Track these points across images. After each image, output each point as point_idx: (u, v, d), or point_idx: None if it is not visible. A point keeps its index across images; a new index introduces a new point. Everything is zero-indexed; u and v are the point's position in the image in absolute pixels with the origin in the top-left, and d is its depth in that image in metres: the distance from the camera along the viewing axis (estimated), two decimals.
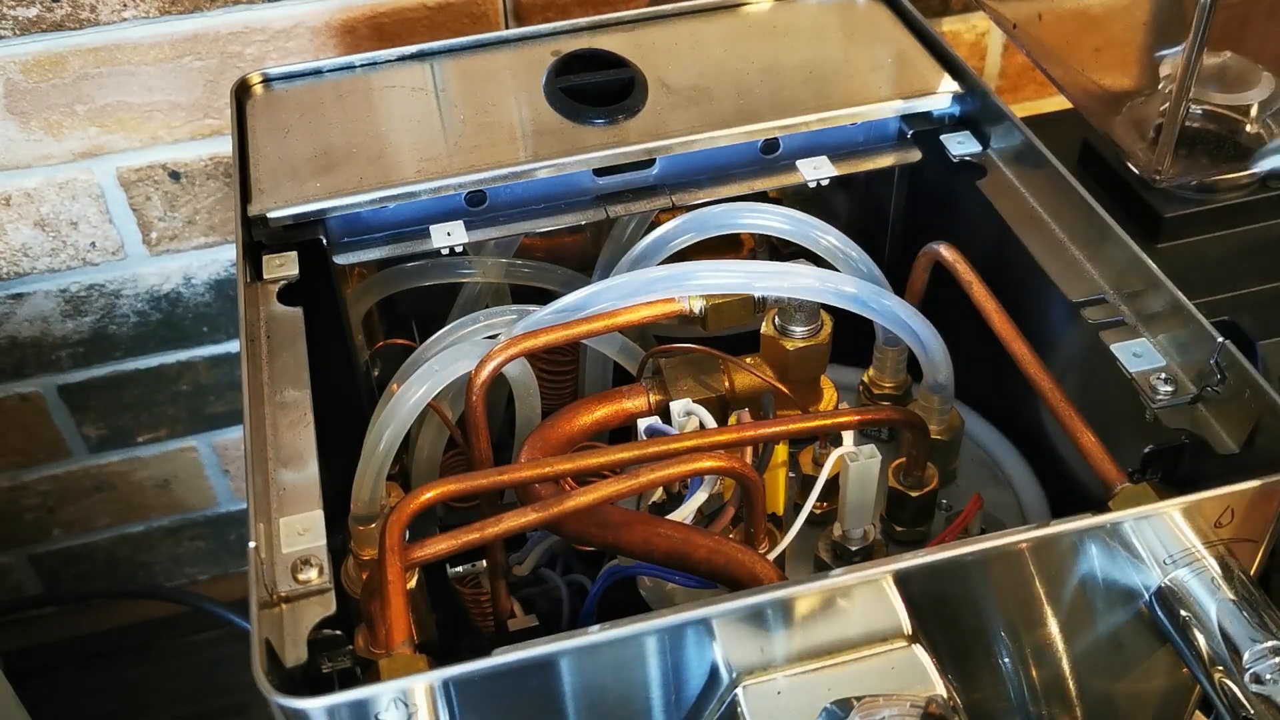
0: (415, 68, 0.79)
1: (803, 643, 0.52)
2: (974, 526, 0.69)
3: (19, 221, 1.00)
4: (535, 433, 0.64)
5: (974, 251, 0.68)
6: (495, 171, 0.70)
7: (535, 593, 0.74)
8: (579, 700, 0.51)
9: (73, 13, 0.91)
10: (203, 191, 1.02)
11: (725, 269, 0.65)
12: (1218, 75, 0.80)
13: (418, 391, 0.63)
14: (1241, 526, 0.54)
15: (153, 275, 1.06)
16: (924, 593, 0.52)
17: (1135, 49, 0.86)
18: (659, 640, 0.50)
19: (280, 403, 0.61)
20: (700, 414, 0.62)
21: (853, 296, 0.65)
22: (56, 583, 1.24)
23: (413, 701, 0.47)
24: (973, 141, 0.75)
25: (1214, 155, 0.80)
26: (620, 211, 0.73)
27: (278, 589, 0.52)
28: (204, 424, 1.17)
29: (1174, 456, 0.60)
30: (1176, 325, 0.61)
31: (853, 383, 0.77)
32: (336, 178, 0.70)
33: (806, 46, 0.80)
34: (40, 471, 1.15)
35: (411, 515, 0.54)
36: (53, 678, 1.24)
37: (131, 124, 0.98)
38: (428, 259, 0.74)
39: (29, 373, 1.08)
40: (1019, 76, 1.18)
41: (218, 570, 1.30)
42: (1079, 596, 0.55)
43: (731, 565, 0.58)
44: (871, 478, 0.62)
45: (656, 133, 0.73)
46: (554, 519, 0.55)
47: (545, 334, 0.63)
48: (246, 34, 0.95)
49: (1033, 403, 0.66)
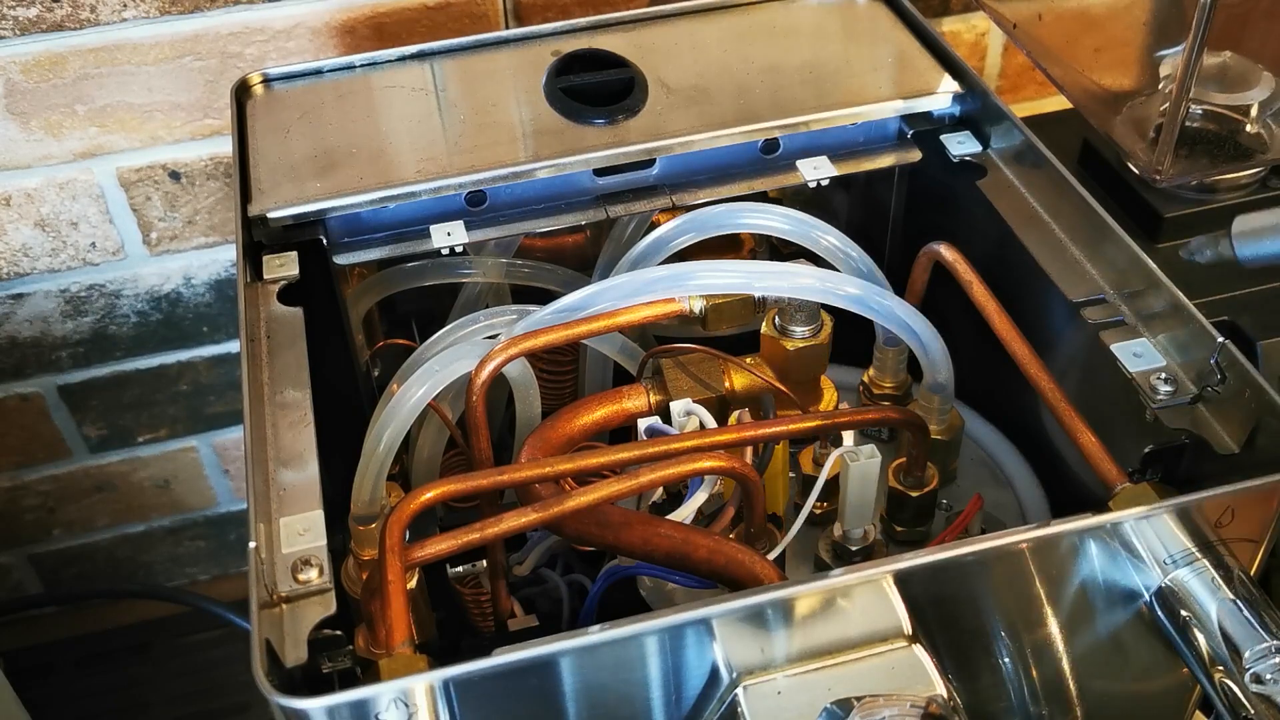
0: (415, 68, 0.79)
1: (803, 643, 0.52)
2: (974, 526, 0.69)
3: (19, 221, 1.00)
4: (535, 433, 0.64)
5: (974, 251, 0.68)
6: (495, 171, 0.70)
7: (535, 593, 0.74)
8: (579, 700, 0.51)
9: (73, 13, 0.91)
10: (203, 191, 1.02)
11: (725, 269, 0.65)
12: (1218, 75, 0.80)
13: (418, 391, 0.63)
14: (1241, 526, 0.54)
15: (153, 275, 1.06)
16: (924, 593, 0.52)
17: (1135, 49, 0.86)
18: (659, 640, 0.50)
19: (280, 403, 0.61)
20: (700, 414, 0.62)
21: (853, 296, 0.65)
22: (56, 583, 1.24)
23: (413, 701, 0.47)
24: (973, 141, 0.75)
25: (1214, 155, 0.80)
26: (620, 211, 0.73)
27: (278, 589, 0.52)
28: (204, 424, 1.17)
29: (1174, 456, 0.60)
30: (1176, 325, 0.61)
31: (853, 383, 0.77)
32: (336, 178, 0.70)
33: (806, 46, 0.80)
34: (40, 471, 1.15)
35: (411, 515, 0.54)
36: (53, 678, 1.24)
37: (132, 124, 0.98)
38: (428, 259, 0.74)
39: (29, 373, 1.08)
40: (1019, 76, 1.18)
41: (218, 570, 1.30)
42: (1079, 596, 0.55)
43: (731, 565, 0.58)
44: (871, 478, 0.62)
45: (656, 133, 0.73)
46: (554, 519, 0.55)
47: (545, 334, 0.63)
48: (246, 34, 0.95)
49: (1033, 403, 0.66)
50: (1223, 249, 0.64)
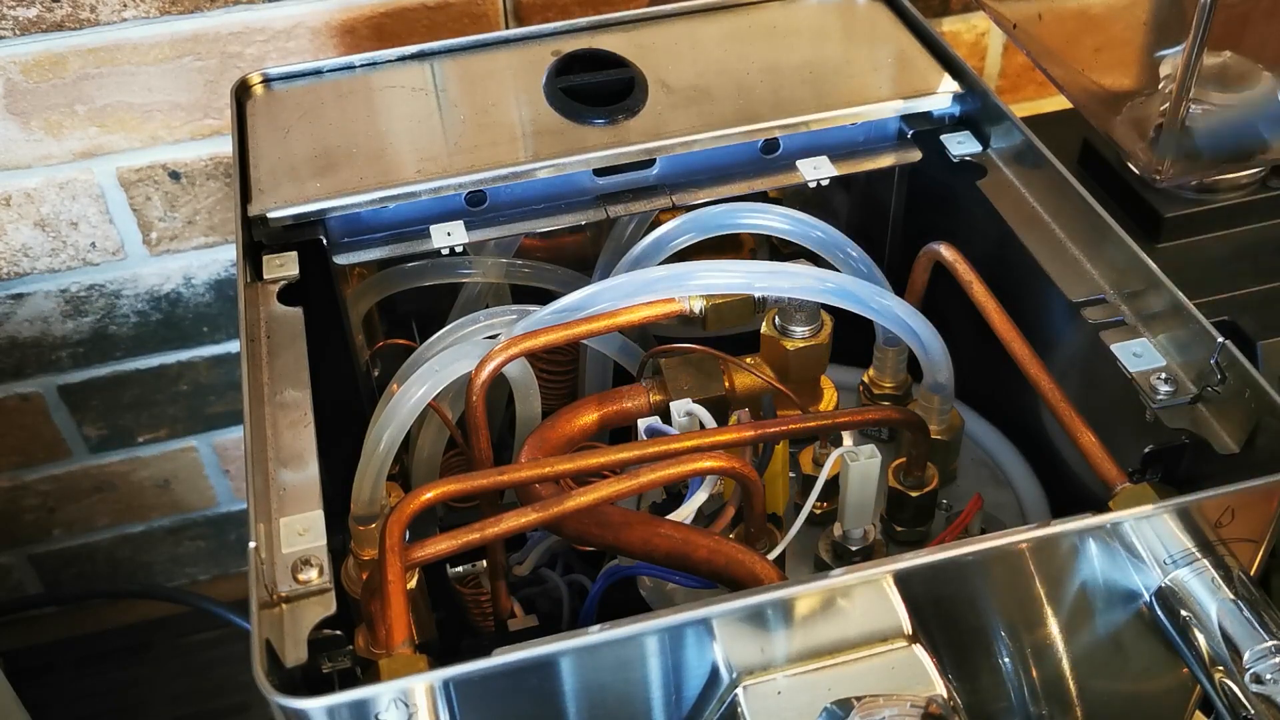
0: (415, 68, 0.79)
1: (803, 643, 0.52)
2: (974, 526, 0.69)
3: (19, 221, 1.00)
4: (535, 433, 0.64)
5: (974, 251, 0.68)
6: (495, 171, 0.70)
7: (535, 593, 0.74)
8: (579, 700, 0.51)
9: (73, 13, 0.91)
10: (203, 191, 1.02)
11: (725, 269, 0.65)
12: (1218, 75, 0.80)
13: (418, 391, 0.63)
14: (1241, 526, 0.54)
15: (153, 275, 1.06)
16: (924, 593, 0.52)
17: (1135, 49, 0.86)
18: (659, 640, 0.50)
19: (280, 403, 0.61)
20: (700, 414, 0.62)
21: (853, 297, 0.65)
22: (56, 583, 1.24)
23: (413, 701, 0.47)
24: (973, 141, 0.75)
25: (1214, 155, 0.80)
26: (620, 211, 0.73)
27: (278, 589, 0.52)
28: (204, 424, 1.17)
29: (1174, 456, 0.60)
30: (1176, 325, 0.61)
31: (853, 383, 0.77)
32: (336, 178, 0.70)
33: (806, 46, 0.80)
34: (40, 471, 1.15)
35: (411, 515, 0.54)
36: (53, 678, 1.24)
37: (131, 124, 0.98)
38: (428, 259, 0.74)
39: (29, 373, 1.08)
40: (1019, 76, 1.18)
41: (218, 570, 1.30)
42: (1079, 596, 0.55)
43: (731, 565, 0.58)
44: (871, 478, 0.62)
45: (656, 133, 0.73)
46: (554, 519, 0.55)
47: (545, 334, 0.63)
48: (246, 34, 0.95)
49: (1033, 403, 0.66)
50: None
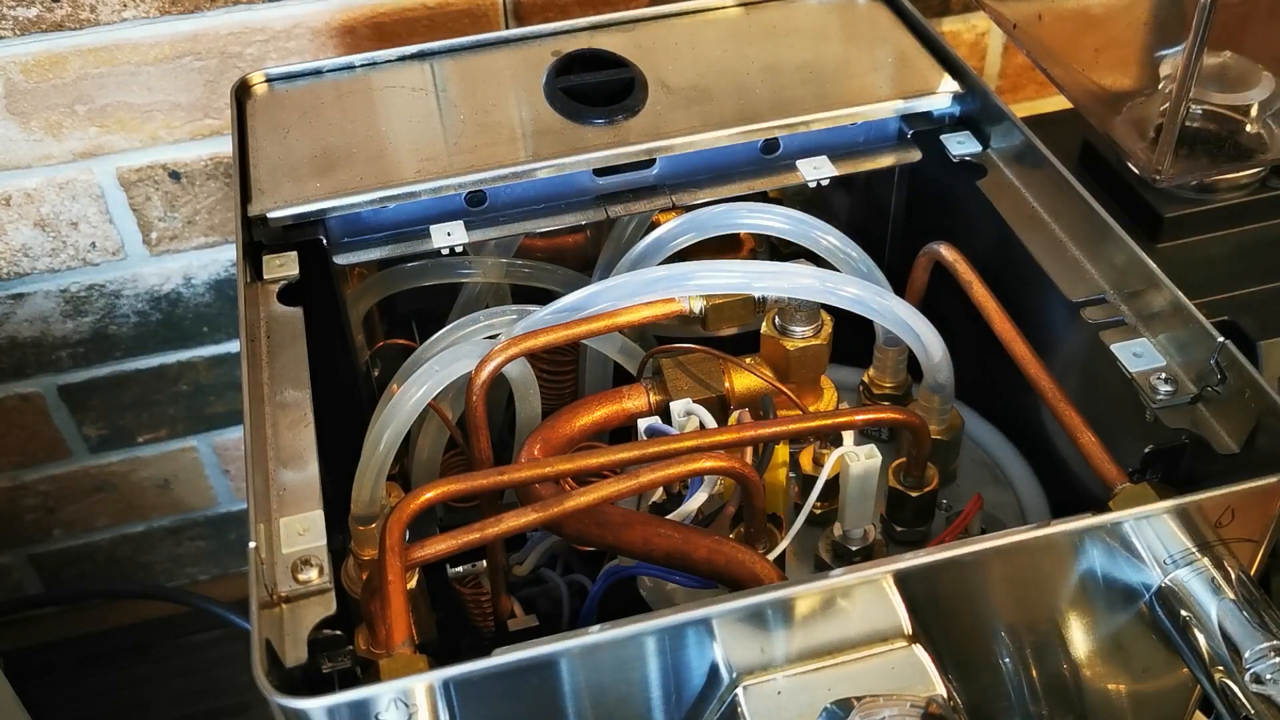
0: (415, 68, 0.79)
1: (803, 643, 0.52)
2: (974, 526, 0.69)
3: (19, 221, 1.00)
4: (535, 433, 0.64)
5: (974, 251, 0.68)
6: (495, 171, 0.70)
7: (535, 593, 0.74)
8: (579, 700, 0.51)
9: (73, 13, 0.91)
10: (203, 191, 1.02)
11: (725, 269, 0.65)
12: (1218, 75, 0.80)
13: (418, 391, 0.63)
14: (1241, 526, 0.54)
15: (153, 275, 1.06)
16: (924, 593, 0.52)
17: (1135, 49, 0.86)
18: (659, 640, 0.50)
19: (280, 403, 0.61)
20: (700, 414, 0.62)
21: (853, 296, 0.65)
22: (56, 583, 1.24)
23: (413, 701, 0.47)
24: (973, 141, 0.75)
25: (1214, 155, 0.80)
26: (620, 211, 0.73)
27: (278, 589, 0.52)
28: (204, 424, 1.17)
29: (1174, 456, 0.60)
30: (1176, 325, 0.61)
31: (853, 383, 0.77)
32: (336, 178, 0.70)
33: (806, 46, 0.80)
34: (40, 471, 1.15)
35: (411, 515, 0.54)
36: (53, 678, 1.24)
37: (131, 124, 0.98)
38: (428, 259, 0.74)
39: (29, 373, 1.08)
40: (1019, 76, 1.18)
41: (218, 570, 1.30)
42: (1079, 596, 0.55)
43: (731, 565, 0.58)
44: (871, 478, 0.62)
45: (656, 133, 0.73)
46: (554, 519, 0.55)
47: (545, 334, 0.63)
48: (246, 34, 0.95)
49: (1033, 403, 0.66)
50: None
